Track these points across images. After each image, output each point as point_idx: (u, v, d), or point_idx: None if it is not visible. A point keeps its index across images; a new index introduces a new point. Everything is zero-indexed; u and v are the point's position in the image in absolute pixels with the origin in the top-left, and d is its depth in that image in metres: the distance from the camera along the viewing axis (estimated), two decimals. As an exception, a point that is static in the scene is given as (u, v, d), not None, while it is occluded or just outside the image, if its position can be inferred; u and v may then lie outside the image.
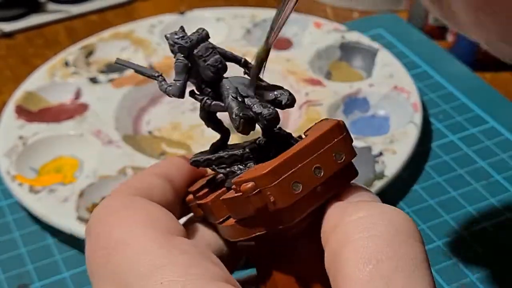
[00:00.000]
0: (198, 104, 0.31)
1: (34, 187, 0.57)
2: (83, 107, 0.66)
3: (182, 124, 0.66)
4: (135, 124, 0.66)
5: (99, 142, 0.61)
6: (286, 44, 0.74)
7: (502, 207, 0.57)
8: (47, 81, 0.68)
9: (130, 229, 0.28)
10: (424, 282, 0.24)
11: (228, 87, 0.30)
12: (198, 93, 0.32)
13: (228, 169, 0.31)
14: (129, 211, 0.29)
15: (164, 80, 0.31)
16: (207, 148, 0.67)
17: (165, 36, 0.31)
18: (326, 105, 0.64)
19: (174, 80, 0.31)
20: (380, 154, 0.59)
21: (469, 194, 0.58)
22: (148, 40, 0.73)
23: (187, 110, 0.67)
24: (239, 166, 0.30)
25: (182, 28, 0.31)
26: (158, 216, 0.29)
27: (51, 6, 0.84)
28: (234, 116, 0.29)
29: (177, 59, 0.30)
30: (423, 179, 0.60)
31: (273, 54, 0.78)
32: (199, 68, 0.30)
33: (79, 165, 0.61)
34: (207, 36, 0.31)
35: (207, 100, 0.31)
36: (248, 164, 0.30)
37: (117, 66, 0.71)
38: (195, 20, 0.76)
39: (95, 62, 0.72)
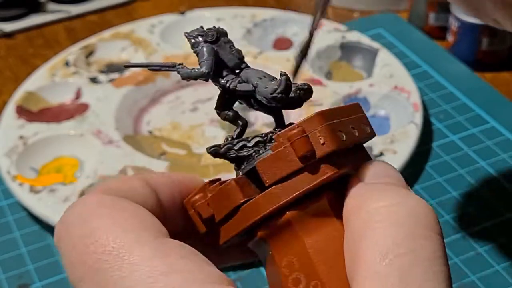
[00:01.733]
0: (198, 104, 0.31)
1: (34, 187, 0.57)
2: (84, 107, 0.66)
3: (182, 124, 0.66)
4: (136, 124, 0.66)
5: (99, 142, 0.61)
6: (286, 44, 0.74)
7: (502, 207, 0.57)
8: (47, 81, 0.68)
9: (119, 231, 0.26)
10: (440, 277, 0.24)
11: (253, 72, 0.30)
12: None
13: (251, 151, 0.30)
14: (113, 212, 0.27)
15: (185, 66, 0.31)
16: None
17: (185, 33, 0.31)
18: (327, 105, 0.64)
19: (200, 62, 0.31)
20: (381, 154, 0.59)
21: (469, 194, 0.58)
22: (148, 40, 0.73)
23: (187, 110, 0.67)
24: (262, 147, 0.30)
25: (201, 27, 0.31)
26: (144, 217, 0.28)
27: (51, 6, 0.84)
28: (276, 85, 0.29)
29: (203, 45, 0.30)
30: (424, 179, 0.60)
31: (273, 54, 0.79)
32: (223, 55, 0.31)
33: (79, 165, 0.61)
34: (226, 32, 0.31)
35: (233, 81, 0.31)
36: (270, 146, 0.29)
37: (117, 66, 0.71)
38: (195, 20, 0.76)
39: (95, 62, 0.72)
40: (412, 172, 0.60)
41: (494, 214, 0.56)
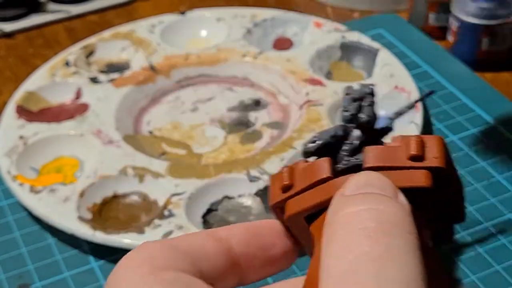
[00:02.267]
0: (198, 104, 0.31)
1: (34, 187, 0.57)
2: (84, 107, 0.66)
3: (183, 124, 0.66)
4: (136, 124, 0.66)
5: (99, 142, 0.61)
6: (286, 44, 0.74)
7: (502, 207, 0.57)
8: (47, 81, 0.68)
9: None
10: (398, 272, 0.24)
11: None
12: None
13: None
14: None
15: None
16: (207, 148, 0.67)
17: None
18: (327, 105, 0.64)
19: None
20: (381, 154, 0.59)
21: (470, 194, 0.58)
22: (148, 40, 0.73)
23: (187, 110, 0.67)
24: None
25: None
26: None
27: (51, 6, 0.84)
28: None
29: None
30: (424, 179, 0.60)
31: (273, 54, 0.78)
32: None
33: (79, 165, 0.61)
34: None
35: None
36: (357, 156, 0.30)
37: (117, 66, 0.72)
38: (195, 20, 0.76)
39: (96, 62, 0.72)
40: (412, 172, 0.60)
41: (494, 214, 0.56)
